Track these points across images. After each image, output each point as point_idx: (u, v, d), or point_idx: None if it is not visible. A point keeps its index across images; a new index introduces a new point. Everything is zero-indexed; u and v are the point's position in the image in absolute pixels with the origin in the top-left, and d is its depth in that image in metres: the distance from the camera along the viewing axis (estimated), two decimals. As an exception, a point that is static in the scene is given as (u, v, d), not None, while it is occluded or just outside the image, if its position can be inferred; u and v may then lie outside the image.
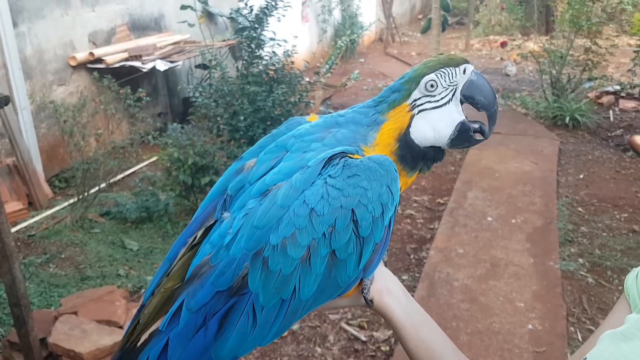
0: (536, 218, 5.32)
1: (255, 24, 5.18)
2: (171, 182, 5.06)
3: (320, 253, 0.95)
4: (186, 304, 0.95)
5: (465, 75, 1.07)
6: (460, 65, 1.07)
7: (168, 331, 0.96)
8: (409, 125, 1.07)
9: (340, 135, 1.07)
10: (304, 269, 0.94)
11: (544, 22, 13.75)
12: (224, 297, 0.94)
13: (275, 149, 1.10)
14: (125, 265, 4.52)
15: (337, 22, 13.07)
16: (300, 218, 0.94)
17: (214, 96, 5.29)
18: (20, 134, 5.50)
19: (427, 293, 4.16)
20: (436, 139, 1.07)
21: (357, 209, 0.96)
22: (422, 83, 1.06)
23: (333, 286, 0.99)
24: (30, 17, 5.77)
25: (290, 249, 0.93)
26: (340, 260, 0.97)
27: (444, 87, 1.07)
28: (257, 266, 0.93)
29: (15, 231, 4.88)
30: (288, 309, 0.96)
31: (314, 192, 0.96)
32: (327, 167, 0.99)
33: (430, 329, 1.09)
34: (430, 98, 1.07)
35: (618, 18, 11.57)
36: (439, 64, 1.07)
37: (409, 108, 1.08)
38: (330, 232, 0.95)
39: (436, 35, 9.59)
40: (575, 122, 7.96)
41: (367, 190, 0.97)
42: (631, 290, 0.94)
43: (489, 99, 1.08)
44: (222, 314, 0.94)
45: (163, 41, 7.45)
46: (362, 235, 0.97)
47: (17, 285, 2.85)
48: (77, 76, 6.40)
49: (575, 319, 3.92)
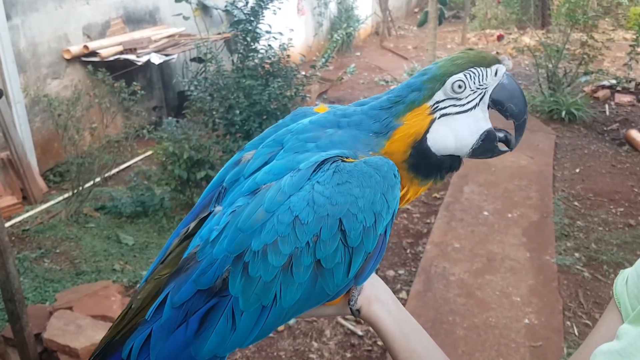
0: (532, 212, 5.32)
1: (250, 16, 5.15)
2: (166, 176, 5.04)
3: (303, 262, 0.90)
4: (170, 297, 0.93)
5: (497, 77, 0.97)
6: (492, 66, 0.97)
7: (152, 322, 0.94)
8: (427, 130, 0.98)
9: (337, 138, 1.00)
10: (286, 277, 0.90)
11: (540, 15, 13.74)
12: (204, 296, 0.91)
13: (272, 143, 1.06)
14: (121, 260, 4.50)
15: (333, 15, 13.02)
16: (283, 225, 0.89)
17: (209, 90, 5.27)
18: (14, 127, 5.46)
19: (423, 287, 4.16)
20: (457, 147, 0.98)
21: (345, 219, 0.90)
22: (449, 83, 0.96)
23: (320, 294, 0.94)
24: (24, 10, 5.71)
25: (271, 257, 0.89)
26: (327, 270, 0.92)
27: (472, 90, 0.97)
28: (238, 270, 0.90)
29: (9, 226, 4.85)
30: (269, 315, 0.93)
31: (300, 199, 0.90)
32: (318, 171, 0.93)
33: (421, 339, 1.04)
34: (455, 101, 0.97)
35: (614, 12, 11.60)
36: (469, 62, 0.97)
37: (430, 111, 0.98)
38: (315, 242, 0.89)
39: (433, 28, 9.55)
40: (571, 116, 7.96)
41: (358, 199, 0.91)
42: (621, 296, 0.90)
43: (520, 106, 0.99)
44: (203, 313, 0.92)
45: (158, 34, 7.40)
46: (351, 245, 0.92)
47: (12, 280, 2.83)
48: (72, 69, 6.36)
49: (571, 313, 3.92)
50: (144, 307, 0.98)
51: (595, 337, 0.91)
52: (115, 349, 0.98)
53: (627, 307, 0.88)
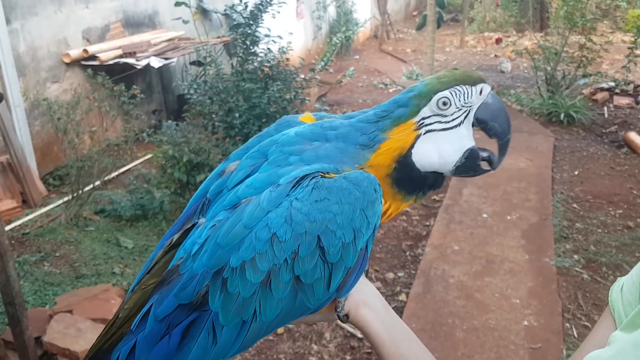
0: (531, 215, 5.33)
1: (250, 20, 5.17)
2: (166, 179, 5.05)
3: (282, 279, 0.90)
4: (153, 310, 0.94)
5: (482, 96, 0.99)
6: (477, 85, 0.98)
7: (137, 332, 0.95)
8: (412, 145, 0.99)
9: (323, 152, 1.00)
10: (265, 293, 0.91)
11: (539, 18, 13.78)
12: (185, 310, 0.92)
13: (256, 154, 1.05)
14: (120, 263, 4.51)
15: (332, 18, 13.05)
16: (260, 242, 0.89)
17: (208, 93, 5.28)
18: (14, 131, 5.47)
19: (422, 290, 4.17)
20: (440, 164, 1.00)
21: (323, 236, 0.90)
22: (434, 100, 0.98)
23: (301, 308, 0.95)
24: (24, 14, 5.73)
25: (249, 273, 0.89)
26: (307, 285, 0.92)
27: (457, 108, 0.98)
28: (217, 286, 0.91)
29: (9, 229, 4.85)
30: (249, 329, 0.93)
31: (277, 215, 0.90)
32: (296, 187, 0.93)
33: (410, 343, 1.02)
34: (441, 118, 0.98)
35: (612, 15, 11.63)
36: (455, 80, 0.99)
37: (416, 126, 0.99)
38: (293, 258, 0.90)
39: (431, 32, 9.57)
40: (570, 118, 7.98)
41: (337, 215, 0.90)
42: (616, 304, 0.91)
43: (504, 126, 1.00)
44: (184, 327, 0.92)
45: (157, 38, 7.42)
46: (331, 261, 0.91)
47: (12, 284, 2.84)
48: (71, 73, 6.37)
49: (570, 315, 3.93)
50: (130, 316, 0.99)
51: (589, 344, 0.91)
52: (104, 357, 1.00)
53: (621, 314, 0.89)
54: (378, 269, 4.50)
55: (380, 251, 4.78)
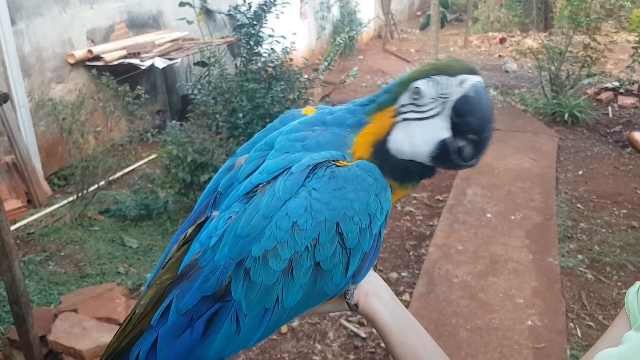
0: (535, 214, 5.32)
1: (253, 20, 5.17)
2: (170, 179, 5.06)
3: (303, 265, 0.93)
4: (175, 304, 0.95)
5: (462, 88, 0.94)
6: (457, 75, 0.94)
7: (158, 327, 0.96)
8: (388, 132, 0.99)
9: (323, 139, 1.01)
10: (287, 280, 0.93)
11: (543, 18, 13.73)
12: (209, 302, 0.94)
13: (264, 147, 1.07)
14: (125, 263, 4.52)
15: (336, 18, 13.04)
16: (282, 231, 0.92)
17: (212, 93, 5.28)
18: (19, 131, 5.50)
19: (426, 289, 4.17)
20: (412, 153, 0.98)
21: (342, 222, 0.93)
22: (411, 89, 0.96)
23: (320, 294, 0.97)
24: (29, 15, 5.75)
25: (272, 262, 0.92)
26: (326, 271, 0.94)
27: (433, 98, 0.95)
28: (240, 276, 0.93)
29: (14, 229, 4.87)
30: (271, 317, 0.95)
31: (297, 205, 0.93)
32: (312, 177, 0.95)
33: (419, 334, 1.05)
34: (415, 107, 0.97)
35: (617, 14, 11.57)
36: (434, 69, 0.96)
37: (394, 113, 0.99)
38: (314, 245, 0.92)
39: (435, 32, 9.57)
40: (574, 118, 7.96)
41: (354, 202, 0.93)
42: (632, 305, 0.91)
43: (481, 123, 0.94)
44: (208, 317, 0.94)
45: (161, 38, 7.43)
46: (349, 246, 0.94)
47: (17, 283, 2.85)
48: (76, 74, 6.39)
49: (574, 315, 3.93)
50: (147, 312, 1.01)
51: (603, 343, 0.92)
52: (122, 355, 1.01)
53: (636, 314, 0.90)
54: (382, 269, 4.51)
55: (384, 251, 4.79)
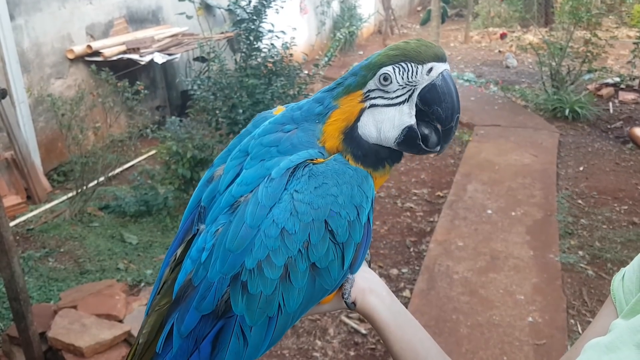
0: (536, 211, 5.31)
1: (253, 15, 5.15)
2: (170, 175, 5.05)
3: (299, 269, 0.91)
4: (176, 328, 0.93)
5: (430, 76, 0.93)
6: (425, 63, 0.93)
7: (164, 355, 0.94)
8: (357, 118, 0.97)
9: (296, 139, 0.99)
10: (285, 286, 0.92)
11: (544, 13, 13.69)
12: (210, 321, 0.92)
13: (238, 154, 1.05)
14: (125, 259, 4.51)
15: (336, 14, 13.01)
16: (272, 239, 0.90)
17: (212, 89, 5.27)
18: (18, 127, 5.48)
19: (427, 286, 4.16)
20: (380, 139, 0.97)
21: (330, 219, 0.92)
22: (377, 75, 0.95)
23: (320, 292, 0.96)
24: (28, 10, 5.73)
25: (267, 271, 0.90)
26: (323, 269, 0.93)
27: (400, 85, 0.94)
28: (237, 290, 0.91)
29: (13, 225, 4.87)
30: (277, 324, 0.94)
31: (282, 210, 0.91)
32: (292, 180, 0.93)
33: (416, 330, 1.05)
34: (384, 93, 0.95)
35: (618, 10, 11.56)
36: (403, 55, 0.94)
37: (362, 98, 0.97)
38: (307, 247, 0.91)
39: (435, 27, 9.56)
40: (574, 114, 7.94)
41: (338, 197, 0.92)
42: (617, 292, 0.91)
43: (448, 112, 0.94)
44: (213, 336, 0.92)
45: (161, 34, 7.41)
46: (340, 241, 0.93)
47: (16, 280, 2.84)
48: (75, 69, 6.37)
49: (575, 311, 3.92)
50: (151, 341, 0.99)
51: (591, 332, 0.92)
52: None
53: (622, 302, 0.89)
54: (382, 265, 4.50)
55: (384, 247, 4.78)
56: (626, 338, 0.74)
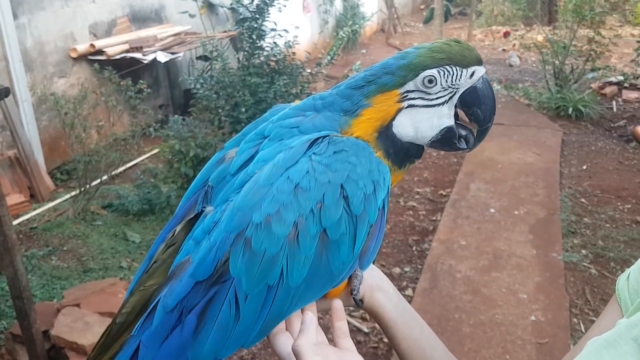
0: (539, 209, 5.30)
1: (256, 14, 5.14)
2: (173, 174, 5.06)
3: (309, 231, 0.86)
4: (162, 302, 0.86)
5: (472, 79, 0.95)
6: (469, 67, 0.94)
7: (140, 334, 0.86)
8: (393, 117, 0.97)
9: (318, 122, 0.98)
10: (292, 248, 0.85)
11: (547, 12, 13.68)
12: (203, 289, 0.85)
13: (254, 137, 1.02)
14: (128, 258, 4.52)
15: (339, 12, 13.00)
16: (284, 194, 0.86)
17: (215, 88, 5.26)
18: (21, 126, 5.49)
19: (429, 285, 4.16)
20: (417, 138, 0.98)
21: (346, 184, 0.88)
22: (421, 76, 0.94)
23: (325, 274, 0.89)
24: (31, 9, 5.74)
25: (275, 226, 0.84)
26: (333, 241, 0.88)
27: (443, 88, 0.95)
28: (239, 248, 0.84)
29: (17, 224, 4.88)
30: (275, 299, 0.86)
31: (298, 169, 0.88)
32: (312, 147, 0.92)
33: (422, 328, 1.04)
34: (424, 95, 0.96)
35: (621, 8, 11.51)
36: (448, 59, 0.94)
37: (399, 98, 0.96)
38: (319, 208, 0.86)
39: (439, 25, 9.55)
40: (578, 113, 7.92)
41: (356, 166, 0.89)
42: (622, 292, 0.91)
43: (487, 114, 0.97)
44: (201, 308, 0.85)
45: (164, 32, 7.41)
46: (355, 213, 0.88)
47: (19, 278, 2.85)
48: (78, 68, 6.38)
49: (578, 310, 3.91)
50: (129, 322, 0.92)
51: (595, 331, 0.92)
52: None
53: (627, 302, 0.89)
54: (384, 264, 4.50)
55: (386, 246, 4.77)
56: (624, 332, 0.74)
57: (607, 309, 0.94)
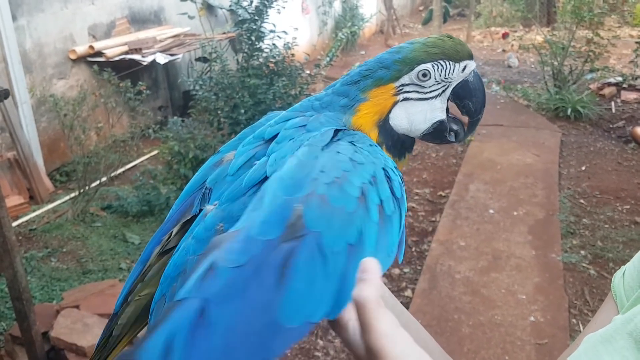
0: (538, 210, 5.31)
1: (255, 16, 5.15)
2: (172, 175, 5.06)
3: (372, 199, 0.82)
4: (223, 260, 0.70)
5: (464, 73, 0.99)
6: (461, 62, 0.98)
7: (198, 295, 0.66)
8: (389, 111, 0.99)
9: (324, 120, 0.96)
10: (364, 211, 0.80)
11: (546, 13, 13.69)
12: (275, 246, 0.72)
13: (253, 140, 1.00)
14: (127, 259, 4.52)
15: (338, 14, 13.02)
16: (343, 162, 0.82)
17: (214, 89, 5.27)
18: (20, 128, 5.49)
19: (428, 286, 4.16)
20: (409, 130, 1.00)
21: (386, 167, 0.89)
22: (416, 70, 0.97)
23: (384, 249, 0.82)
24: (30, 11, 5.74)
25: (347, 187, 0.79)
26: (387, 217, 0.84)
27: (437, 81, 0.98)
28: (314, 203, 0.76)
29: (16, 225, 4.88)
30: (354, 261, 0.76)
31: (343, 147, 0.86)
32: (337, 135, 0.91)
33: (418, 331, 1.04)
34: (419, 88, 0.98)
35: (620, 9, 11.55)
36: (441, 53, 0.97)
37: (395, 92, 0.98)
38: (374, 181, 0.84)
39: (437, 27, 9.56)
40: (577, 113, 7.93)
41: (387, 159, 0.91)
42: (618, 289, 0.92)
43: (477, 106, 1.01)
44: (279, 262, 0.70)
45: (163, 34, 7.42)
46: (397, 195, 0.87)
47: (19, 279, 2.85)
48: (77, 70, 6.38)
49: (577, 311, 3.92)
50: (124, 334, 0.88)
51: (591, 329, 0.92)
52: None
53: (623, 298, 0.90)
54: (384, 265, 4.49)
55: (386, 247, 4.77)
56: (620, 328, 0.75)
57: (603, 306, 0.95)
